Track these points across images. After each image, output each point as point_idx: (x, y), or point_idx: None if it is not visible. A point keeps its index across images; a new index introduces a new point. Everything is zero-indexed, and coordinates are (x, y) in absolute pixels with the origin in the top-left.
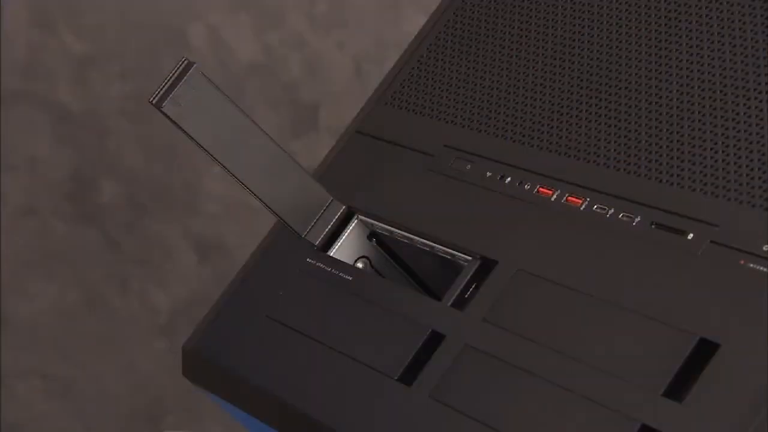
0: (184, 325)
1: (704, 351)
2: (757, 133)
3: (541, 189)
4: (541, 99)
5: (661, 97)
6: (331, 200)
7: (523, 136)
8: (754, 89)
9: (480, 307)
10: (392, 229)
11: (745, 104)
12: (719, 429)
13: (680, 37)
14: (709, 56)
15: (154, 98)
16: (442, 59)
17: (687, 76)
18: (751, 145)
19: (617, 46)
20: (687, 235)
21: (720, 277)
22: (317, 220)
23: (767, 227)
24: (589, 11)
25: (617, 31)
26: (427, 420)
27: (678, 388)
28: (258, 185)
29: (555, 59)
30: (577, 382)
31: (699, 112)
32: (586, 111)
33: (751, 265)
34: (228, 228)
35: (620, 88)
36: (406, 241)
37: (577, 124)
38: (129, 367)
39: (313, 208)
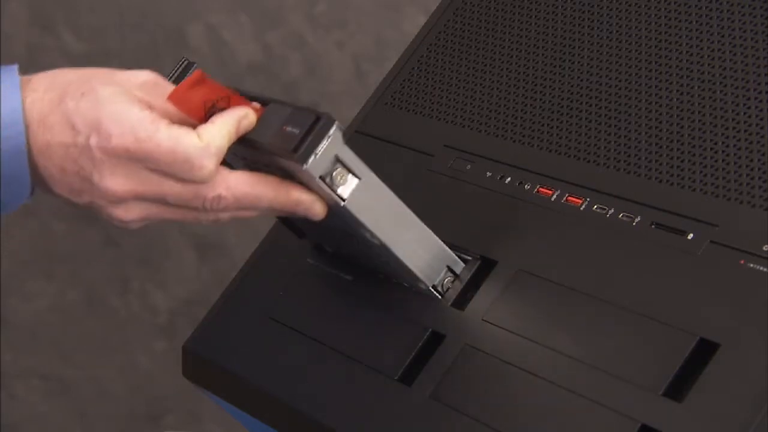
0: (184, 325)
1: (704, 351)
2: (757, 134)
3: (541, 189)
4: (540, 99)
5: (661, 98)
6: None
7: (523, 136)
8: (754, 89)
9: (480, 307)
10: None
11: (744, 104)
12: (719, 429)
13: (680, 37)
14: (709, 56)
15: None
16: (442, 59)
17: (687, 77)
18: (750, 145)
19: (617, 47)
20: (687, 235)
21: (720, 277)
22: None
23: (767, 227)
24: (589, 11)
25: (617, 32)
26: (427, 420)
27: (678, 388)
28: None
29: (555, 59)
30: (576, 382)
31: (699, 113)
32: (586, 111)
33: (751, 265)
34: (228, 228)
35: (620, 89)
36: None
37: (576, 124)
38: (129, 367)
39: None
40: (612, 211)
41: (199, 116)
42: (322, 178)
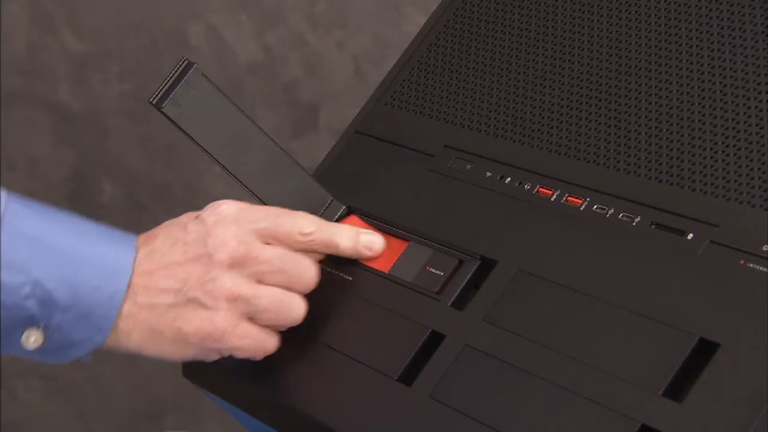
0: None
1: (704, 351)
2: (757, 134)
3: (541, 189)
4: (541, 99)
5: (661, 98)
6: (332, 200)
7: (523, 136)
8: (754, 89)
9: (480, 307)
10: (391, 228)
11: (744, 104)
12: (719, 429)
13: (680, 37)
14: (709, 56)
15: (154, 98)
16: (442, 59)
17: (687, 77)
18: (750, 145)
19: (617, 47)
20: (687, 235)
21: (720, 277)
22: None
23: (767, 227)
24: (589, 11)
25: (617, 32)
26: (427, 420)
27: (678, 388)
28: (258, 185)
29: (555, 59)
30: (576, 382)
31: (699, 113)
32: (586, 111)
33: (751, 265)
34: None
35: (620, 89)
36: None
37: (577, 124)
38: (129, 367)
39: (313, 208)
40: (612, 211)
41: None
42: None
